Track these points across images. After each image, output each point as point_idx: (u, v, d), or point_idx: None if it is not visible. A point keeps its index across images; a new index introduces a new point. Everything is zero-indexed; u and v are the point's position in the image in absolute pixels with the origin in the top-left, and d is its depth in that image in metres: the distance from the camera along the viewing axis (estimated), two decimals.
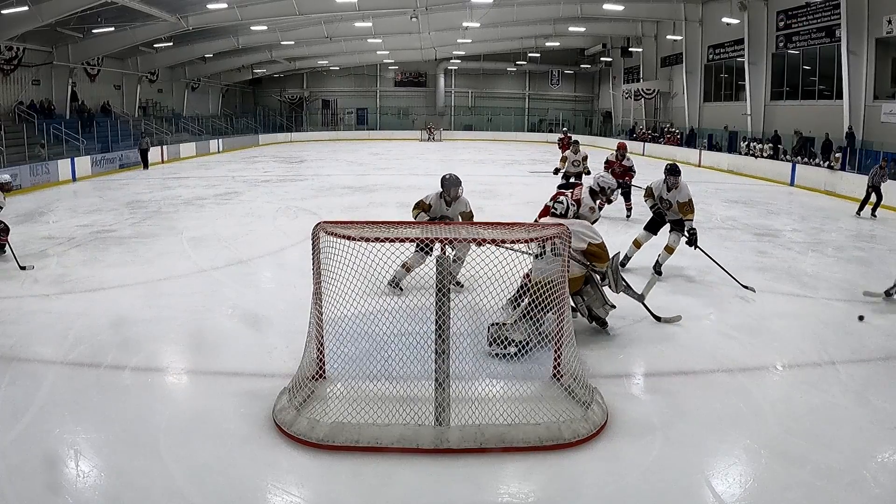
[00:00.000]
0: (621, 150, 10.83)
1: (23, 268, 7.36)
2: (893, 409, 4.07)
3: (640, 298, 5.50)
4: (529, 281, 4.68)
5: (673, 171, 7.01)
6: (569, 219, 5.13)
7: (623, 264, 6.96)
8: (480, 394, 3.87)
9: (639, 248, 7.32)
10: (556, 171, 12.44)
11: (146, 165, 20.43)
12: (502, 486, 3.30)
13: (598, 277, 5.15)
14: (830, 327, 5.58)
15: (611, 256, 5.11)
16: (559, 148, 19.85)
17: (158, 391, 4.36)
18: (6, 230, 7.97)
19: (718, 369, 4.71)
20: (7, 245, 7.88)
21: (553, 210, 5.30)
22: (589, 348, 4.89)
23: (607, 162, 10.73)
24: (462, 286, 6.07)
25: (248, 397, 4.12)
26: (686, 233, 6.89)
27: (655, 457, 3.53)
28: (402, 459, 3.45)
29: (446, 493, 3.22)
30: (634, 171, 10.83)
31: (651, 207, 7.28)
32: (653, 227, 7.31)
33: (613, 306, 5.26)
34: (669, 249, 7.05)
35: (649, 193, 7.23)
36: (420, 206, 6.30)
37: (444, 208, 6.27)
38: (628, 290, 5.44)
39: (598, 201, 6.45)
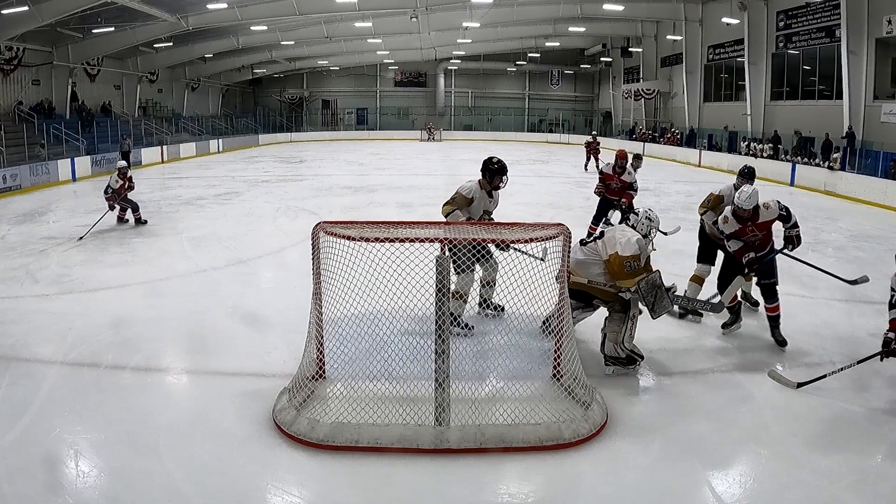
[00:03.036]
0: (621, 159, 8.33)
1: (80, 238, 9.02)
2: (893, 410, 4.07)
3: (717, 308, 4.82)
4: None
5: (749, 173, 5.82)
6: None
7: (683, 315, 5.73)
8: (480, 394, 3.88)
9: (701, 285, 5.85)
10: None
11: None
12: (502, 486, 3.30)
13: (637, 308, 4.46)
14: (830, 327, 5.58)
15: (647, 277, 4.33)
16: (587, 151, 19.39)
17: (158, 391, 4.36)
18: (136, 207, 10.14)
19: (718, 369, 4.71)
20: (138, 220, 10.13)
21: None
22: (589, 348, 4.89)
23: (602, 175, 8.48)
24: (503, 310, 5.23)
25: (248, 397, 4.12)
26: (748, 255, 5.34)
27: (655, 457, 3.53)
28: (402, 459, 3.45)
29: (446, 493, 3.22)
30: (636, 190, 8.30)
31: (708, 220, 5.78)
32: (709, 257, 5.88)
33: (632, 358, 4.51)
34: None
35: (714, 204, 5.72)
36: (457, 203, 5.18)
37: (487, 202, 5.33)
38: (692, 303, 4.85)
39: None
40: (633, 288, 4.32)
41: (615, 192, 8.25)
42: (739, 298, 5.46)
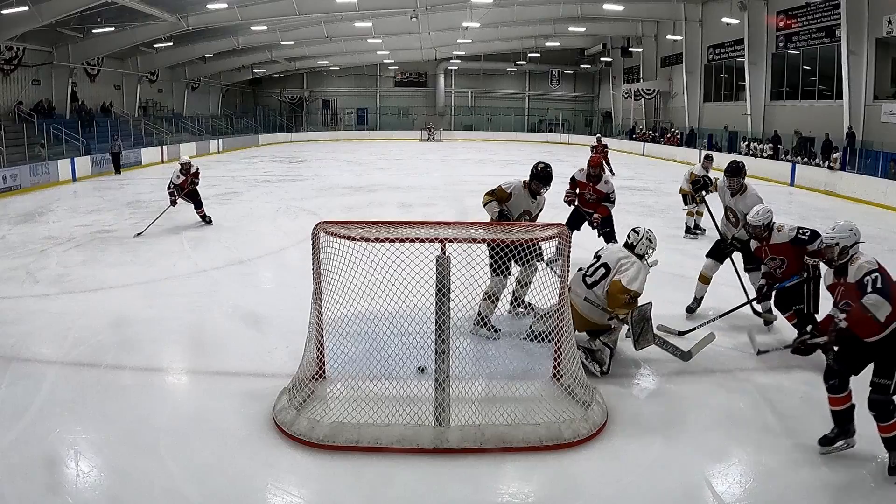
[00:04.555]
0: (593, 167, 7.03)
1: (138, 234, 9.29)
2: None
3: (685, 357, 4.62)
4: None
5: (733, 170, 5.63)
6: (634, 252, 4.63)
7: (692, 309, 5.79)
8: (480, 394, 3.88)
9: (708, 284, 5.76)
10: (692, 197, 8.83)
11: (118, 170, 18.95)
12: (502, 486, 3.30)
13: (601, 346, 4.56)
14: None
15: (639, 307, 4.45)
16: (594, 154, 18.79)
17: (158, 391, 4.36)
18: (199, 204, 10.13)
19: (718, 369, 4.70)
20: (206, 218, 10.18)
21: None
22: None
23: (574, 182, 7.21)
24: (532, 308, 5.28)
25: (248, 397, 4.12)
26: (761, 280, 5.10)
27: (655, 457, 3.53)
28: (402, 459, 3.45)
29: (446, 493, 3.22)
30: (613, 201, 7.10)
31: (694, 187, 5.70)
32: (719, 254, 5.80)
33: (602, 352, 4.55)
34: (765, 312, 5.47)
35: (715, 187, 5.80)
36: (495, 195, 5.31)
37: (529, 202, 5.42)
38: (666, 346, 4.67)
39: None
40: (623, 316, 4.42)
41: (589, 205, 7.18)
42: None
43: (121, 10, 18.83)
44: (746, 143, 21.23)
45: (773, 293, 5.12)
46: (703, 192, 6.34)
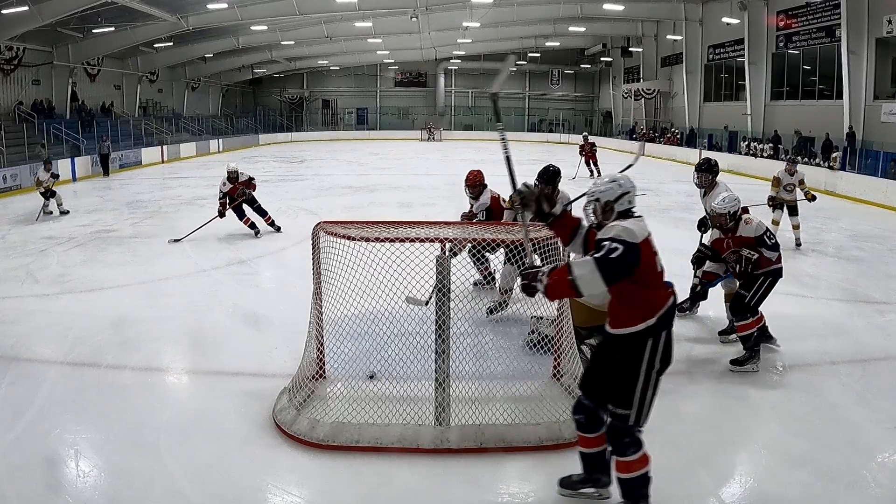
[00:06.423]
0: (474, 185, 6.07)
1: (178, 239, 8.85)
2: (893, 409, 4.06)
3: None
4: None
5: (701, 166, 5.58)
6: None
7: (683, 309, 5.57)
8: (480, 394, 3.87)
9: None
10: (771, 201, 8.66)
11: (107, 172, 18.52)
12: (502, 486, 3.30)
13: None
14: (830, 327, 5.58)
15: None
16: (580, 155, 18.17)
17: (158, 391, 4.36)
18: (242, 214, 9.30)
19: (717, 369, 4.70)
20: (252, 226, 9.37)
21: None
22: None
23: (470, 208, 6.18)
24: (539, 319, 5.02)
25: (248, 397, 4.12)
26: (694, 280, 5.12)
27: (655, 457, 3.51)
28: (402, 459, 3.45)
29: (446, 493, 3.21)
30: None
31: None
32: (701, 261, 5.45)
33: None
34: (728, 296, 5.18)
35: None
36: (509, 202, 5.27)
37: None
38: None
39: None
40: None
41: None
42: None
43: (121, 10, 18.84)
44: (746, 142, 21.25)
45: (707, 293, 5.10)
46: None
